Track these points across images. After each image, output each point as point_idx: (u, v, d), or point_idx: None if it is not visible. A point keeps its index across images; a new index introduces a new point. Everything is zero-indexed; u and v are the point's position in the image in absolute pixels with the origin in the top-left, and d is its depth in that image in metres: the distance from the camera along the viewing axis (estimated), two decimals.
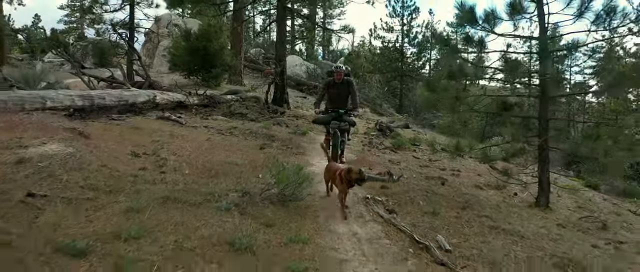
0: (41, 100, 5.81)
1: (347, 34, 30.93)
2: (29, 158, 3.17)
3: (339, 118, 4.88)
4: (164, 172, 3.71)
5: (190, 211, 2.91)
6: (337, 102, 5.01)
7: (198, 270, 2.17)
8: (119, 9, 9.42)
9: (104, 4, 9.20)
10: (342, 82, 5.01)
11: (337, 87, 5.02)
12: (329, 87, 5.08)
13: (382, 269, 2.49)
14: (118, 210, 2.74)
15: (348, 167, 3.33)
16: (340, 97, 5.02)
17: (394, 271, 2.49)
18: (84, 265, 2.09)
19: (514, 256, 2.82)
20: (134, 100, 7.04)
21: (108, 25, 9.77)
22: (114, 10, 9.37)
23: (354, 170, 3.25)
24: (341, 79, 4.99)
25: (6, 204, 2.51)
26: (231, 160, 4.50)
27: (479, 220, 3.51)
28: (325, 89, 5.13)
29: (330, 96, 5.11)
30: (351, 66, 22.43)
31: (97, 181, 3.14)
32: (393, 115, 16.80)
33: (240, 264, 2.29)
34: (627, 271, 2.85)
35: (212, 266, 2.23)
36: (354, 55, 28.42)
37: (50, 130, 3.98)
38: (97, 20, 9.50)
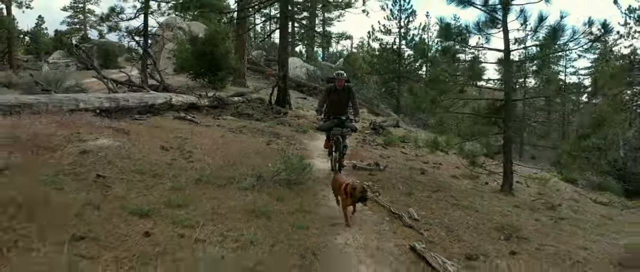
0: (75, 102, 6.69)
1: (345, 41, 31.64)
2: (90, 149, 4.05)
3: (340, 125, 5.05)
4: (191, 162, 4.60)
5: (218, 189, 3.80)
6: (337, 108, 5.18)
7: (230, 226, 3.05)
8: (134, 18, 10.31)
9: (120, 13, 10.06)
10: (342, 89, 5.18)
11: (337, 94, 5.19)
12: (330, 93, 5.24)
13: (364, 229, 3.38)
14: (164, 188, 3.62)
15: (353, 185, 3.39)
16: (340, 103, 5.21)
17: (372, 230, 3.38)
18: (150, 222, 2.97)
19: (466, 223, 3.70)
20: (152, 102, 7.92)
21: (124, 32, 10.58)
22: (129, 19, 10.24)
23: (358, 188, 3.34)
24: (342, 86, 5.17)
25: (85, 182, 3.40)
26: (244, 153, 5.38)
27: (445, 200, 4.40)
28: (327, 95, 5.28)
29: (331, 102, 5.24)
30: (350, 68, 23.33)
31: (142, 167, 4.03)
32: (390, 115, 17.65)
33: (260, 223, 3.17)
34: (551, 231, 3.73)
35: (240, 224, 3.11)
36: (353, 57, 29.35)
37: (97, 128, 4.87)
38: (113, 27, 10.28)
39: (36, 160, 3.73)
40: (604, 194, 8.53)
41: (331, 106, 5.25)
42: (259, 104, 9.85)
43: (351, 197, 3.36)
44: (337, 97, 5.19)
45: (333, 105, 5.22)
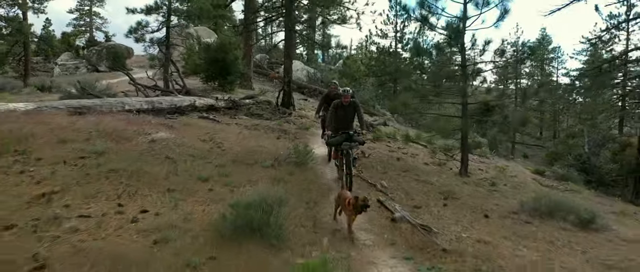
0: (121, 104, 8.40)
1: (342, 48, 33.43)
2: (155, 139, 5.75)
3: (349, 139, 5.33)
4: (224, 150, 6.28)
5: (248, 167, 5.49)
6: (344, 123, 5.48)
7: (261, 188, 4.73)
8: (157, 30, 12.02)
9: (145, 26, 11.76)
10: (348, 105, 5.49)
11: (344, 109, 5.48)
12: (337, 109, 5.49)
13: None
14: (212, 165, 5.31)
15: (355, 196, 3.72)
16: (347, 118, 5.52)
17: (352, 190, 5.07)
18: (209, 184, 4.66)
19: (420, 190, 5.39)
20: (180, 104, 9.61)
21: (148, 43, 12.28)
22: (153, 32, 11.96)
23: (360, 198, 3.67)
24: (348, 102, 5.47)
25: (160, 160, 5.10)
26: (260, 144, 7.06)
27: (410, 176, 6.09)
28: (334, 111, 5.50)
29: (338, 117, 5.48)
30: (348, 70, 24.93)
31: (193, 152, 5.72)
32: (385, 115, 19.31)
33: (280, 187, 4.85)
34: (480, 196, 5.41)
35: (267, 187, 4.79)
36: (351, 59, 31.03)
37: (153, 125, 6.57)
38: (139, 38, 11.97)
39: (122, 146, 5.43)
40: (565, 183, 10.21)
41: (338, 121, 5.48)
42: (267, 105, 11.54)
43: (354, 208, 3.66)
44: (343, 112, 5.49)
45: (340, 121, 5.47)
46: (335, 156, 5.71)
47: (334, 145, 5.59)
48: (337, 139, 5.37)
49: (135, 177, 4.43)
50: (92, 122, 6.19)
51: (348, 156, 5.17)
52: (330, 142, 5.58)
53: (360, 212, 3.64)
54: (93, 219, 3.44)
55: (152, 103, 8.99)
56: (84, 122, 6.17)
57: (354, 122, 5.65)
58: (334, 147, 5.69)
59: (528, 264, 3.22)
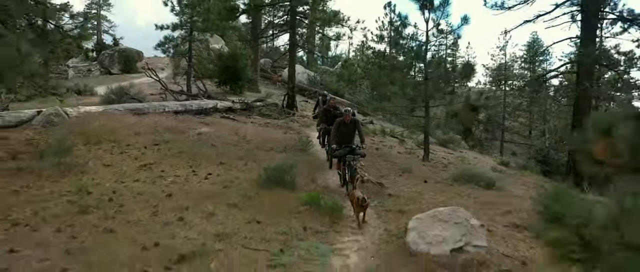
0: (163, 107, 10.86)
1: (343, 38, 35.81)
2: (200, 133, 8.22)
3: (352, 152, 6.12)
4: (248, 141, 8.73)
5: (266, 151, 7.95)
6: (346, 138, 6.38)
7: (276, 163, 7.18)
8: (181, 43, 14.47)
9: (172, 41, 14.22)
10: (350, 122, 6.38)
11: (346, 126, 6.37)
12: (340, 126, 6.35)
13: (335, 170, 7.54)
14: (243, 150, 7.78)
15: (358, 196, 4.69)
16: (348, 134, 6.42)
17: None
18: (244, 161, 7.11)
19: (387, 168, 7.83)
20: (205, 106, 12.06)
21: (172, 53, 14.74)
22: (176, 45, 14.41)
23: (360, 198, 4.62)
24: (349, 120, 6.38)
25: (208, 146, 7.57)
26: (273, 137, 9.51)
27: (383, 160, 8.54)
28: (337, 127, 6.39)
29: (341, 133, 6.35)
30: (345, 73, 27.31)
31: (227, 141, 8.18)
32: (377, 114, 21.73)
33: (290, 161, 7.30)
34: (427, 171, 7.85)
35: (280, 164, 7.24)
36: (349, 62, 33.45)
37: (194, 123, 9.04)
38: (166, 50, 14.42)
39: (179, 137, 7.90)
40: (521, 171, 12.63)
41: (341, 136, 6.35)
42: (274, 107, 14.00)
43: (358, 205, 4.67)
44: (345, 129, 6.39)
45: (343, 136, 6.36)
46: (338, 166, 6.51)
47: (338, 157, 6.33)
48: (341, 152, 6.16)
49: (196, 156, 6.89)
50: (152, 120, 8.66)
51: (351, 167, 5.92)
52: (335, 154, 6.33)
53: (362, 207, 4.71)
54: (182, 177, 5.90)
55: (185, 106, 11.45)
56: (147, 121, 8.64)
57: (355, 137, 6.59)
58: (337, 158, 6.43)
59: (437, 202, 5.64)
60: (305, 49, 19.86)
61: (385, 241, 4.22)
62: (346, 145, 6.29)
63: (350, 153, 6.11)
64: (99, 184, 5.28)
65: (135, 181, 5.59)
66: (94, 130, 7.58)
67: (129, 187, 5.34)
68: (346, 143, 6.34)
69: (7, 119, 7.86)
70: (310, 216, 4.74)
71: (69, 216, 4.28)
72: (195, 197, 5.10)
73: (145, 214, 4.48)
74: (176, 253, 3.54)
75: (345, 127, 6.38)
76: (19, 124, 7.93)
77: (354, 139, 6.47)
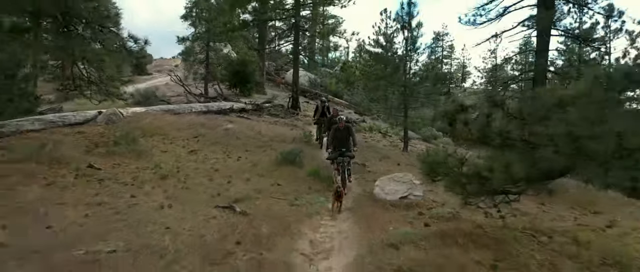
0: (190, 108, 13.27)
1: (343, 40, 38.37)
2: (227, 128, 10.64)
3: (342, 155, 7.16)
4: (263, 135, 11.13)
5: (279, 143, 10.35)
6: (340, 143, 7.30)
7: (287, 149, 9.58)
8: (201, 53, 16.93)
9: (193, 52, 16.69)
10: (344, 128, 7.37)
11: (340, 132, 7.33)
12: (336, 132, 7.33)
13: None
14: (260, 142, 10.19)
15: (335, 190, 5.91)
16: (342, 139, 7.35)
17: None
18: (266, 148, 9.52)
19: (372, 155, 10.23)
20: (224, 107, 14.46)
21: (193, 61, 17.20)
22: (196, 54, 16.85)
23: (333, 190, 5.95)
24: (343, 126, 7.37)
25: (234, 138, 10.00)
26: (282, 133, 11.90)
27: (369, 150, 10.93)
28: (334, 133, 7.38)
29: (335, 138, 7.29)
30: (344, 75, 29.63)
31: (248, 135, 10.59)
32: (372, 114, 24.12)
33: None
34: (404, 158, 10.23)
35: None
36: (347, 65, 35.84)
37: (220, 121, 11.46)
38: (186, 60, 16.86)
39: (211, 132, 10.32)
40: None
41: (336, 141, 7.32)
42: (281, 108, 16.39)
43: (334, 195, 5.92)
44: (340, 134, 7.35)
45: (337, 140, 7.31)
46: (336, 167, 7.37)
47: (332, 159, 7.29)
48: (334, 154, 7.26)
49: (227, 146, 9.30)
50: (186, 119, 11.08)
51: (343, 167, 7.07)
52: (330, 157, 7.33)
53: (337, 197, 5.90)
54: (220, 159, 8.31)
55: (208, 107, 13.87)
56: (182, 119, 11.06)
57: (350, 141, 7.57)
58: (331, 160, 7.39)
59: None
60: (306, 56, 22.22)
61: (360, 195, 6.62)
62: (340, 148, 7.28)
63: (341, 156, 7.22)
64: (165, 163, 7.68)
65: (188, 162, 8.01)
66: (146, 126, 9.99)
67: (186, 165, 7.76)
68: (340, 147, 7.29)
69: (77, 118, 10.26)
70: (312, 182, 7.17)
71: (156, 180, 6.69)
72: (234, 171, 7.52)
73: (204, 180, 6.90)
74: (233, 198, 5.94)
75: (340, 132, 7.37)
76: (85, 122, 10.33)
77: (348, 143, 7.38)
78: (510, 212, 5.45)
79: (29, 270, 3.56)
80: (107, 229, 4.57)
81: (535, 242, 4.80)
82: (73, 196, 5.54)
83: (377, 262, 4.05)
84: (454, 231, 4.78)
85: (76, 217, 4.80)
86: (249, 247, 4.29)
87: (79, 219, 4.77)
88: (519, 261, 4.17)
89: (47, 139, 7.95)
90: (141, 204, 5.51)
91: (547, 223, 5.52)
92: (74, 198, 5.48)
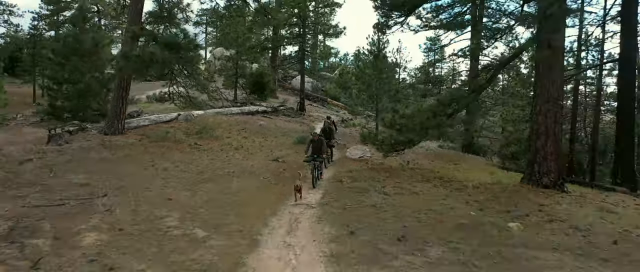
0: (230, 111, 19.62)
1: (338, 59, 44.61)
2: (261, 125, 16.99)
3: (315, 160, 9.58)
4: (282, 128, 17.42)
5: (294, 133, 16.66)
6: (314, 151, 9.81)
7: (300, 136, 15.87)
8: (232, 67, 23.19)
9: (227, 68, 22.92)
10: (317, 140, 10.02)
11: (315, 143, 9.96)
12: (312, 142, 10.00)
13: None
14: (282, 132, 16.55)
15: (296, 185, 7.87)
16: (315, 148, 9.85)
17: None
18: (285, 136, 15.83)
19: (352, 140, 16.48)
20: (252, 110, 20.75)
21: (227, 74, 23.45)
22: (228, 69, 23.11)
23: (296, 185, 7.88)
24: (317, 139, 10.09)
25: (267, 130, 16.35)
26: (294, 127, 18.21)
27: (351, 137, 17.19)
28: (310, 143, 10.11)
29: (311, 147, 9.93)
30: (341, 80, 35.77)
31: (272, 128, 16.94)
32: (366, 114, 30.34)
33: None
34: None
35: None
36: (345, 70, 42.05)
37: (255, 119, 17.80)
38: (221, 73, 23.11)
39: (251, 127, 16.67)
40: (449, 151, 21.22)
41: (312, 149, 9.89)
42: (291, 110, 22.64)
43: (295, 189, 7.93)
44: (315, 144, 9.95)
45: (312, 149, 9.90)
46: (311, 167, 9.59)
47: (308, 162, 9.68)
48: (310, 159, 9.67)
49: (264, 134, 15.65)
50: (232, 118, 17.43)
51: (315, 167, 9.48)
52: (306, 160, 9.77)
53: (297, 189, 7.96)
54: (262, 142, 14.65)
55: (242, 110, 20.18)
56: (231, 119, 17.40)
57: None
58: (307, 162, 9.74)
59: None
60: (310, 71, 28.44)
61: (341, 157, 12.93)
62: (314, 154, 9.80)
63: (314, 160, 9.67)
64: (231, 143, 13.96)
65: (245, 142, 14.31)
66: (211, 123, 16.28)
67: (245, 143, 14.06)
68: (314, 153, 9.81)
69: (166, 117, 16.54)
70: None
71: (232, 150, 13.01)
72: (271, 147, 13.83)
73: (257, 150, 13.21)
74: (276, 156, 12.23)
75: (314, 143, 10.02)
76: (171, 120, 16.59)
77: (321, 151, 9.94)
78: (411, 162, 11.77)
79: (251, 181, 9.85)
80: (222, 166, 10.84)
81: (414, 171, 11.11)
82: (198, 156, 11.83)
83: (341, 175, 10.31)
84: (377, 167, 11.09)
85: (205, 163, 11.08)
86: (287, 172, 10.51)
87: (207, 163, 11.04)
88: (401, 176, 10.43)
89: (163, 130, 14.22)
90: (232, 159, 11.82)
91: (426, 166, 11.82)
92: (199, 157, 11.76)
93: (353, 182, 9.59)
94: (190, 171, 10.02)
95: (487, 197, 8.51)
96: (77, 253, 5.10)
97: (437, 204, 7.88)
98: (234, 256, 5.22)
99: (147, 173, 9.57)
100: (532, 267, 5.14)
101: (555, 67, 8.89)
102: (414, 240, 5.94)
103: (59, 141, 11.82)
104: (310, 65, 26.88)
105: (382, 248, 5.60)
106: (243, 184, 9.08)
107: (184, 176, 9.56)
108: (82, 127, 13.27)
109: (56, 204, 7.03)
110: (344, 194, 8.54)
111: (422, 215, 7.13)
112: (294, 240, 5.97)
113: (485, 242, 6.02)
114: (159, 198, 7.62)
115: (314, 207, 7.62)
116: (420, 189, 9.09)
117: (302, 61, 22.30)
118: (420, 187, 9.21)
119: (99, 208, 6.99)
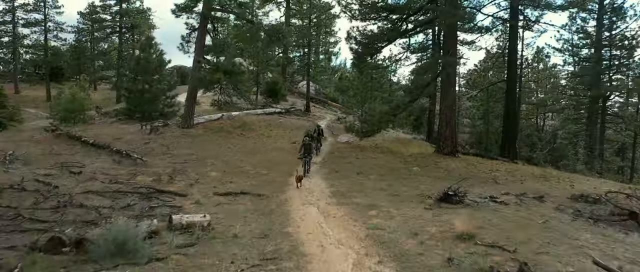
0: (256, 113, 26.80)
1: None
2: (280, 122, 24.18)
3: (306, 157, 12.92)
4: (294, 124, 24.57)
5: (304, 128, 23.80)
6: (306, 150, 13.02)
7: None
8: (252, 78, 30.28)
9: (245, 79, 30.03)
10: (307, 144, 13.22)
11: (306, 146, 13.12)
12: (303, 144, 13.17)
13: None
14: (295, 127, 23.75)
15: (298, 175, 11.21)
16: (306, 149, 13.08)
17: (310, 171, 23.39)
18: (299, 130, 23.03)
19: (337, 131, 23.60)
20: (271, 111, 27.91)
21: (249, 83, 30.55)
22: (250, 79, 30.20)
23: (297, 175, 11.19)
24: (308, 143, 13.27)
25: (286, 125, 23.64)
26: (303, 123, 25.37)
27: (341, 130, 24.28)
28: (302, 144, 13.24)
29: (303, 147, 13.08)
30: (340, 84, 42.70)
31: (289, 124, 24.18)
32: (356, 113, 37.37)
33: None
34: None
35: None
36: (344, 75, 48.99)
37: (274, 118, 25.06)
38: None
39: (273, 122, 23.91)
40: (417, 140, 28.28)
41: (304, 149, 13.11)
42: (299, 111, 29.76)
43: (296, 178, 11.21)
44: (306, 147, 13.17)
45: (304, 149, 13.12)
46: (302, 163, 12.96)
47: (300, 159, 12.97)
48: (302, 156, 13.00)
49: (283, 128, 22.90)
50: (259, 117, 24.68)
51: (306, 163, 12.96)
52: (299, 157, 13.07)
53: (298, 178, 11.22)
54: (283, 133, 21.81)
55: (264, 111, 27.36)
56: (258, 118, 24.62)
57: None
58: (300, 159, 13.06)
59: None
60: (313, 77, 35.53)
61: (332, 142, 20.10)
62: (305, 153, 13.11)
63: (305, 157, 13.06)
64: (263, 133, 21.14)
65: (274, 132, 21.48)
66: (247, 121, 23.42)
67: (271, 134, 21.31)
68: (305, 152, 13.12)
69: (215, 117, 23.68)
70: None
71: (265, 138, 20.38)
72: (289, 136, 21.04)
73: (280, 138, 20.46)
74: (293, 141, 19.39)
75: (306, 146, 13.31)
76: (217, 119, 23.67)
77: (311, 150, 13.81)
78: (377, 144, 18.93)
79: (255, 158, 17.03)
80: (262, 146, 18.16)
81: (376, 148, 18.29)
82: (246, 141, 19.06)
83: (333, 150, 17.44)
84: (355, 146, 18.29)
85: (251, 144, 18.25)
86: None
87: (252, 145, 18.26)
88: (368, 150, 17.53)
89: (216, 125, 21.35)
90: (266, 142, 19.15)
91: (386, 146, 18.97)
92: (246, 141, 19.01)
93: (340, 154, 16.75)
94: (245, 148, 17.28)
95: (411, 159, 15.68)
96: (209, 179, 12.20)
97: (382, 162, 15.04)
98: (283, 178, 12.34)
99: (221, 149, 16.80)
100: (416, 183, 12.27)
101: (450, 88, 15.99)
102: (365, 174, 13.16)
103: (157, 132, 18.93)
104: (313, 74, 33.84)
105: (349, 175, 12.83)
106: (276, 155, 16.30)
107: (242, 150, 16.85)
108: (166, 123, 20.39)
109: (185, 162, 14.17)
110: (334, 159, 15.71)
111: (373, 166, 14.31)
112: (308, 174, 13.19)
113: (399, 175, 13.25)
114: (234, 159, 14.84)
115: (317, 164, 14.77)
116: (376, 156, 16.33)
117: (307, 73, 29.33)
118: (376, 155, 16.45)
119: (208, 164, 14.12)
